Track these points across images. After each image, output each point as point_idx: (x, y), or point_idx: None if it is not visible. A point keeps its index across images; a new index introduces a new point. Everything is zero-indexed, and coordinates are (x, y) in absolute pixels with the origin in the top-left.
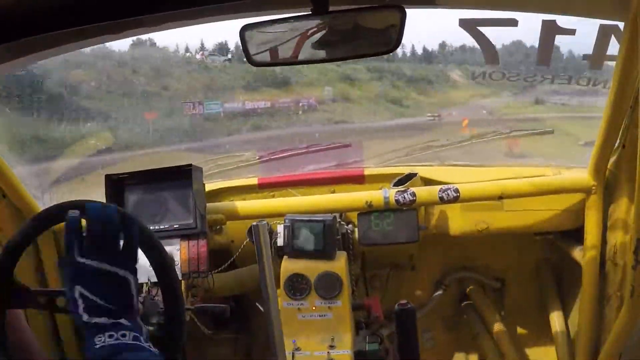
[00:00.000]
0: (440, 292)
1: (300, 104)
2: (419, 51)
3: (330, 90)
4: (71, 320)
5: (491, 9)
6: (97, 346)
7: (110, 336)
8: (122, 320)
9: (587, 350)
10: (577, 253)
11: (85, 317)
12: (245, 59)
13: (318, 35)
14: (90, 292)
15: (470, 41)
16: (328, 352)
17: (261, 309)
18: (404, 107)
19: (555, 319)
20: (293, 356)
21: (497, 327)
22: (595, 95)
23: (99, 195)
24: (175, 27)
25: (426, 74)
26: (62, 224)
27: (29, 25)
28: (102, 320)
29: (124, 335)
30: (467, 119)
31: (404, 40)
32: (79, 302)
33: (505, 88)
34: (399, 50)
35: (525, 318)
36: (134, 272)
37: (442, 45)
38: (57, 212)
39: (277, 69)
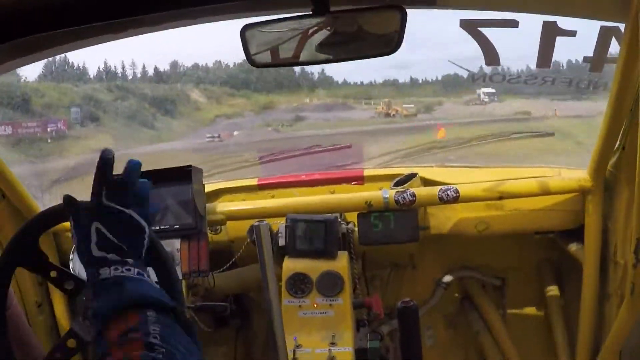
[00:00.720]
0: (441, 290)
1: (49, 129)
2: (151, 71)
3: (78, 112)
4: (70, 319)
5: (492, 10)
6: (101, 277)
7: (116, 269)
8: (130, 260)
9: (588, 348)
10: (577, 252)
11: (94, 251)
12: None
13: (319, 36)
14: (107, 229)
15: (203, 60)
16: (329, 350)
17: (261, 307)
18: (157, 130)
19: (556, 318)
20: (294, 353)
21: (498, 325)
22: None
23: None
24: (175, 27)
25: (167, 94)
26: (62, 225)
27: (29, 25)
28: (110, 255)
29: (128, 270)
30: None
31: (140, 60)
32: (92, 237)
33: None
34: (136, 70)
35: (525, 316)
36: (150, 226)
37: (174, 64)
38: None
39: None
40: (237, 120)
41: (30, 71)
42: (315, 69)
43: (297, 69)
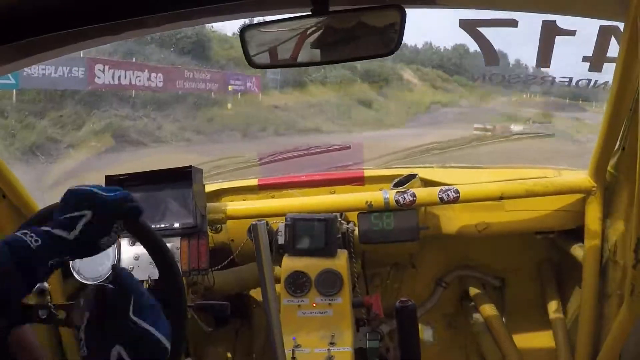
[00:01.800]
0: (440, 290)
1: (231, 86)
2: None
3: (278, 72)
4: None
5: (491, 9)
6: None
7: None
8: None
9: (587, 349)
10: (577, 252)
11: None
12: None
13: (318, 36)
14: (129, 354)
15: (411, 41)
16: (328, 349)
17: (261, 306)
18: (375, 110)
19: (556, 318)
20: (293, 353)
21: (497, 325)
22: None
23: None
24: (175, 28)
25: (378, 70)
26: None
27: (30, 26)
28: None
29: None
30: None
31: None
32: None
33: None
34: None
35: (525, 316)
36: (169, 339)
37: None
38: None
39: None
40: (455, 110)
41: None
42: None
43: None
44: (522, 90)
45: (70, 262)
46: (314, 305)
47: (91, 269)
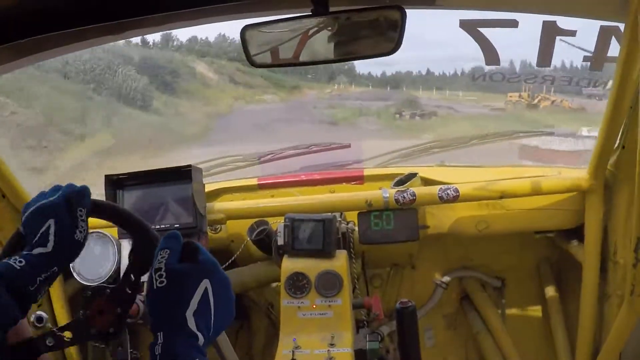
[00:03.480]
0: (440, 291)
1: None
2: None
3: None
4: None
5: (491, 10)
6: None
7: None
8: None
9: (587, 349)
10: (577, 252)
11: (189, 320)
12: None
13: (318, 36)
14: (214, 294)
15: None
16: (328, 351)
17: (261, 306)
18: (155, 112)
19: (555, 318)
20: (293, 354)
21: (497, 325)
22: None
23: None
24: (176, 28)
25: (163, 63)
26: None
27: (31, 26)
28: (200, 335)
29: None
30: None
31: None
32: (195, 297)
33: None
34: None
35: (525, 316)
36: None
37: (166, 36)
38: None
39: None
40: (260, 107)
41: None
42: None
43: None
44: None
45: (71, 263)
46: (314, 306)
47: (92, 271)
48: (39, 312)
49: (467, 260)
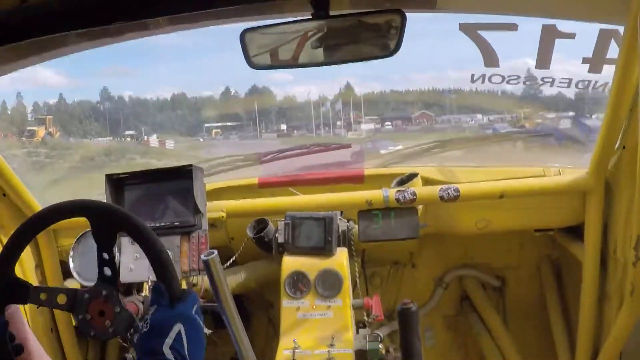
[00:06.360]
0: (440, 291)
1: None
2: None
3: None
4: (71, 320)
5: (491, 13)
6: None
7: None
8: None
9: (588, 348)
10: (577, 250)
11: (165, 350)
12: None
13: (318, 38)
14: (187, 336)
15: None
16: (328, 351)
17: (261, 307)
18: None
19: (556, 317)
20: (293, 354)
21: (497, 325)
22: None
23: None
24: (176, 31)
25: None
26: (60, 223)
27: (30, 27)
28: None
29: None
30: None
31: None
32: (170, 334)
33: None
34: None
35: (525, 316)
36: None
37: None
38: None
39: None
40: None
41: None
42: None
43: None
44: None
45: (71, 264)
46: (314, 307)
47: (92, 271)
48: None
49: (467, 259)
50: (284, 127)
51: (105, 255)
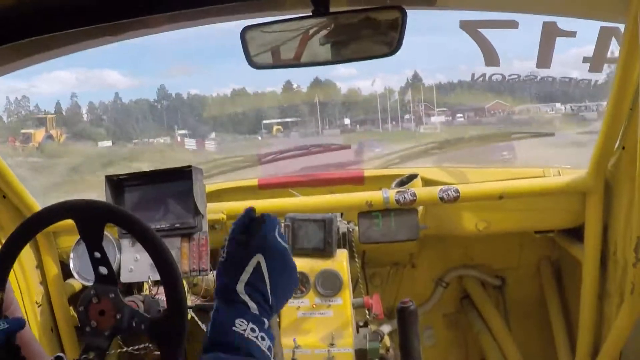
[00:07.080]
0: (440, 290)
1: None
2: None
3: None
4: (71, 319)
5: (491, 11)
6: (234, 328)
7: (252, 330)
8: (266, 322)
9: (588, 347)
10: (577, 251)
11: (239, 288)
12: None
13: (319, 37)
14: (268, 268)
15: None
16: (328, 350)
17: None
18: None
19: (556, 317)
20: (293, 354)
21: (498, 325)
22: None
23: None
24: (176, 29)
25: None
26: (59, 224)
27: (30, 26)
28: (253, 305)
29: (263, 339)
30: None
31: None
32: (247, 269)
33: None
34: None
35: (525, 316)
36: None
37: None
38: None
39: None
40: None
41: None
42: None
43: None
44: None
45: (71, 264)
46: (314, 306)
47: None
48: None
49: (467, 260)
50: (347, 121)
51: (97, 254)
